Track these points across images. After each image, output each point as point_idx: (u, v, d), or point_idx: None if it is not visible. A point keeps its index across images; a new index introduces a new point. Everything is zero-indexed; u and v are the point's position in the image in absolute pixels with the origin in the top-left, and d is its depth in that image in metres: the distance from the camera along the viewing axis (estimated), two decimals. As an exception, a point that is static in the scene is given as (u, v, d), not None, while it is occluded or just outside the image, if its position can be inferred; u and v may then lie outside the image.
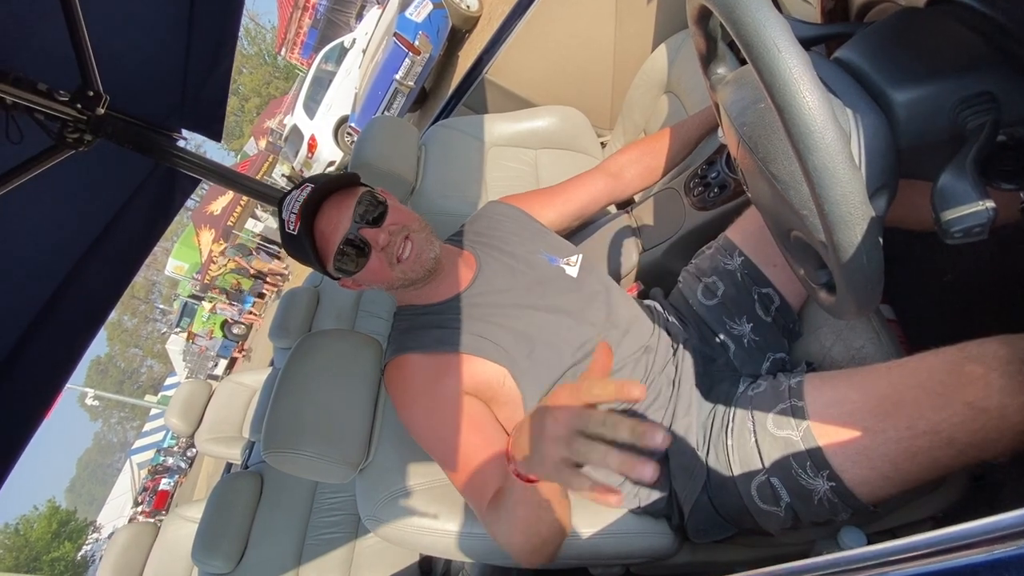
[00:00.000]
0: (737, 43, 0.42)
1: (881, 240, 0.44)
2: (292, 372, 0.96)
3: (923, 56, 0.51)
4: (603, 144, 1.89)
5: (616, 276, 1.29)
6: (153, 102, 1.20)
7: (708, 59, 0.69)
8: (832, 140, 0.38)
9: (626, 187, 1.10)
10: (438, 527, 0.86)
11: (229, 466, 2.79)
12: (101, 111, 0.98)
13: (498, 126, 1.77)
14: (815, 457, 0.71)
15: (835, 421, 0.70)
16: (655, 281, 1.23)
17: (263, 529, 1.71)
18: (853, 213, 0.40)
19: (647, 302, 1.04)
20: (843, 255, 0.43)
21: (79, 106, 0.94)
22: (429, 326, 0.87)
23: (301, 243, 0.81)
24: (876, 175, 0.47)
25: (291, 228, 0.81)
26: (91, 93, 0.94)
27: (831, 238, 0.42)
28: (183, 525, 2.21)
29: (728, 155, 1.19)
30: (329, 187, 0.83)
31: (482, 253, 0.96)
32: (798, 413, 0.74)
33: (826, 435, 0.70)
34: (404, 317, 0.92)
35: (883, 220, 0.46)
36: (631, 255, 1.28)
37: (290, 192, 0.84)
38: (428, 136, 1.70)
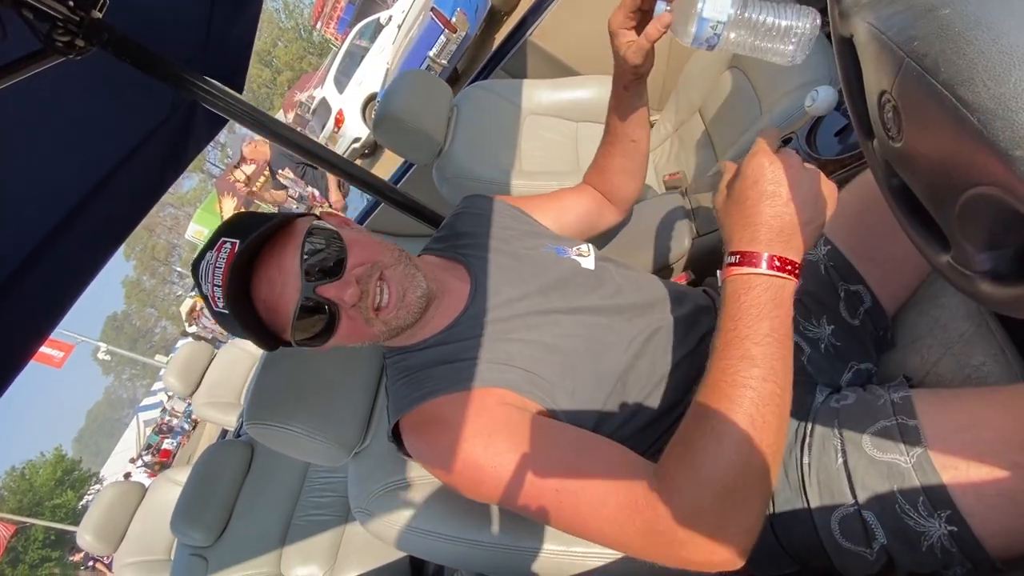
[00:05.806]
0: None
1: None
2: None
3: None
4: (651, 124, 1.73)
5: (663, 263, 1.14)
6: (171, 39, 1.08)
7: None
8: None
9: (610, 182, 0.90)
10: (437, 531, 0.74)
11: (224, 432, 2.71)
12: (98, 15, 0.85)
13: (538, 93, 1.63)
14: (933, 493, 0.55)
15: (966, 451, 0.55)
16: (709, 272, 1.08)
17: (248, 503, 1.60)
18: None
19: (703, 289, 0.89)
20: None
21: (71, 4, 0.82)
22: (435, 363, 0.68)
23: (238, 323, 0.59)
24: None
25: (219, 306, 0.58)
26: (88, -8, 0.81)
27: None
28: (171, 489, 2.12)
29: (810, 130, 1.02)
30: (259, 237, 0.59)
31: (474, 259, 0.77)
32: (909, 435, 0.59)
33: (951, 467, 0.55)
34: (400, 357, 0.72)
35: None
36: (682, 241, 1.12)
37: (203, 255, 0.60)
38: (462, 96, 1.56)
